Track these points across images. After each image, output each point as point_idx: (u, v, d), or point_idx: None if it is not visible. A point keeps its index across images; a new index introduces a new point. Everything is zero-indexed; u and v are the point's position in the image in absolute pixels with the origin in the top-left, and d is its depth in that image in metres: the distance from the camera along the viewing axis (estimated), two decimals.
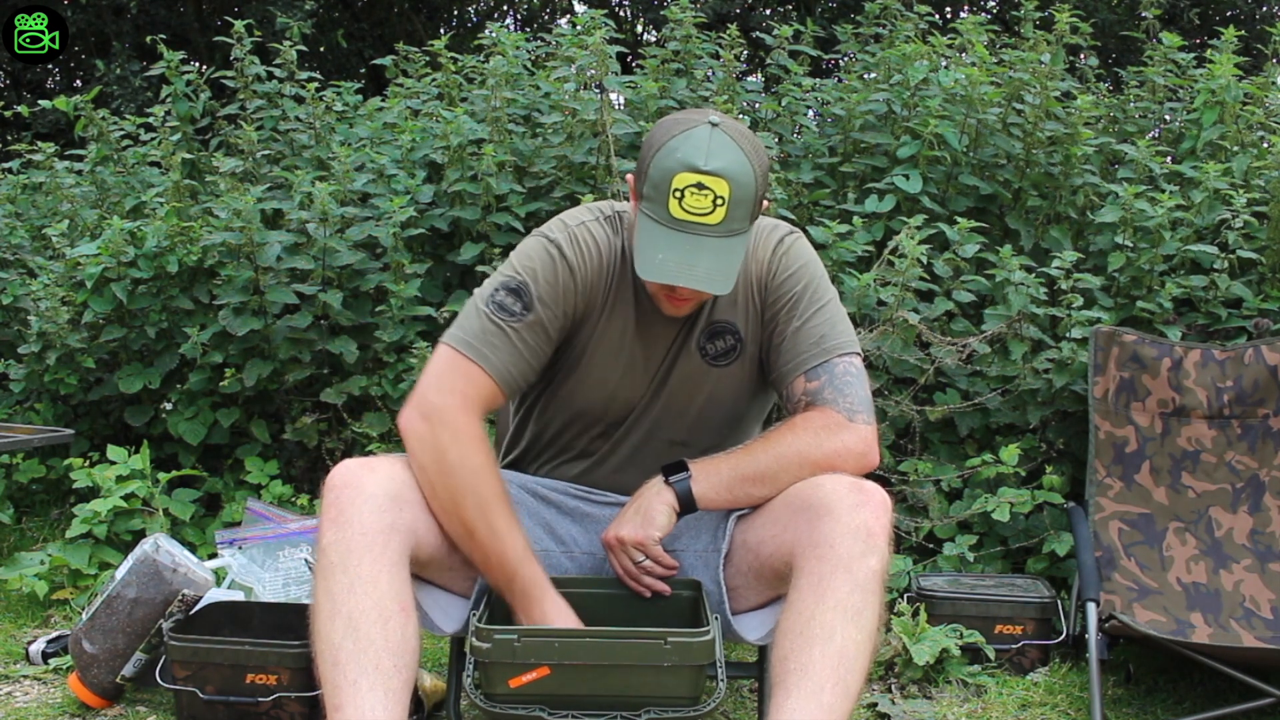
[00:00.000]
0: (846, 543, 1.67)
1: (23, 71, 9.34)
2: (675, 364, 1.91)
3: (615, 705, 1.65)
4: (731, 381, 1.93)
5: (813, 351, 1.85)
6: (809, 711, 1.59)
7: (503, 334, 1.80)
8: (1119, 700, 2.42)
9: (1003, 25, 7.55)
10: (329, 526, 1.68)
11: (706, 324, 1.90)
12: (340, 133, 3.56)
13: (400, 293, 3.02)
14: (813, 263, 1.92)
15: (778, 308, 1.89)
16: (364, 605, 1.63)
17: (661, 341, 1.90)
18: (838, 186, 3.39)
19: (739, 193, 1.71)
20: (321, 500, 1.73)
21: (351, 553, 1.66)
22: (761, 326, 1.91)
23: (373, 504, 1.69)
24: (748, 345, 1.92)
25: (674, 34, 3.71)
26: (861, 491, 1.72)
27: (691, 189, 1.70)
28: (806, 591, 1.67)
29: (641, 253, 1.73)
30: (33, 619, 2.77)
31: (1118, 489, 2.72)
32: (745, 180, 1.72)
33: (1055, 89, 3.32)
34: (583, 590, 1.85)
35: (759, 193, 1.75)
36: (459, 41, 4.87)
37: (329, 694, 1.61)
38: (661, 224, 1.71)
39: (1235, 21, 7.60)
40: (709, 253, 1.71)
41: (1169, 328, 2.97)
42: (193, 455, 3.17)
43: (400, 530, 1.70)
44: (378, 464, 1.76)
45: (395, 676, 1.61)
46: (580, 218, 1.90)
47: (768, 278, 1.89)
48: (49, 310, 3.17)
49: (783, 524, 1.76)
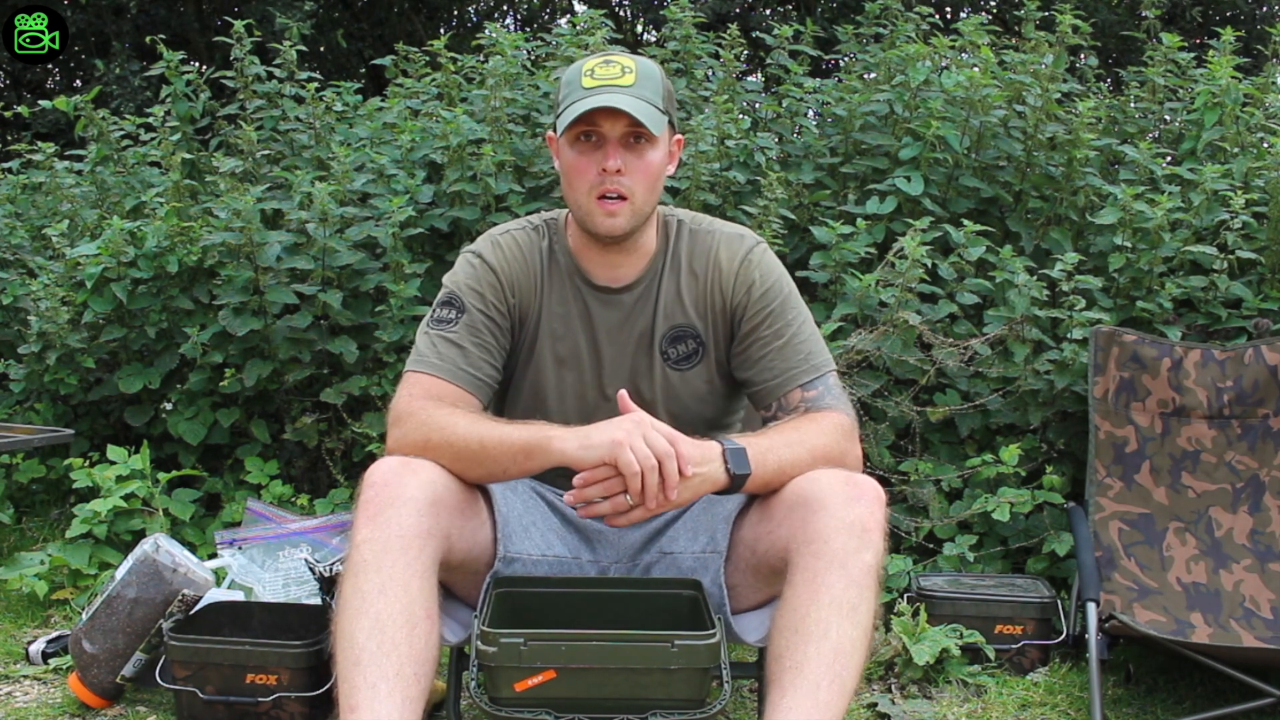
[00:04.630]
0: (840, 538, 1.67)
1: (23, 71, 9.34)
2: (639, 368, 1.94)
3: (621, 708, 1.65)
4: (697, 384, 1.95)
5: (804, 367, 1.90)
6: (805, 710, 1.59)
7: (445, 340, 1.89)
8: (1119, 700, 2.42)
9: (1003, 26, 7.56)
10: (366, 523, 1.68)
11: (669, 329, 1.94)
12: (340, 133, 3.56)
13: (400, 293, 3.03)
14: (784, 276, 1.97)
15: (755, 321, 1.92)
16: (393, 608, 1.62)
17: (621, 345, 1.94)
18: (838, 187, 3.40)
19: (644, 69, 1.84)
20: (359, 495, 1.72)
21: (387, 553, 1.65)
22: (730, 334, 1.94)
23: (412, 506, 1.69)
24: (710, 349, 1.95)
25: (674, 34, 3.71)
26: (855, 486, 1.72)
27: (598, 65, 1.84)
28: (801, 588, 1.67)
29: (563, 119, 1.83)
30: (33, 619, 2.77)
31: (1118, 489, 2.73)
32: (649, 66, 1.84)
33: (1056, 91, 3.32)
34: (582, 590, 1.85)
35: (661, 78, 1.85)
36: (459, 41, 4.87)
37: (346, 692, 1.60)
38: (578, 101, 1.82)
39: (1235, 22, 7.61)
40: (626, 96, 1.80)
41: (1169, 328, 2.97)
42: (193, 455, 3.18)
43: (435, 536, 1.70)
44: (419, 466, 1.75)
45: (415, 685, 1.61)
46: (506, 227, 2.01)
47: (734, 286, 1.93)
48: (49, 310, 3.17)
49: (778, 520, 1.76)
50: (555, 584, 1.86)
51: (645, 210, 1.88)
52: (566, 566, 1.94)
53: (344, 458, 3.17)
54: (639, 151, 1.84)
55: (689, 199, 3.13)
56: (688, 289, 1.95)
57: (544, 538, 1.93)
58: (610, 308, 1.95)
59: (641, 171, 1.85)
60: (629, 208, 1.86)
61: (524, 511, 1.93)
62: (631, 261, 1.95)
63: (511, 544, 1.88)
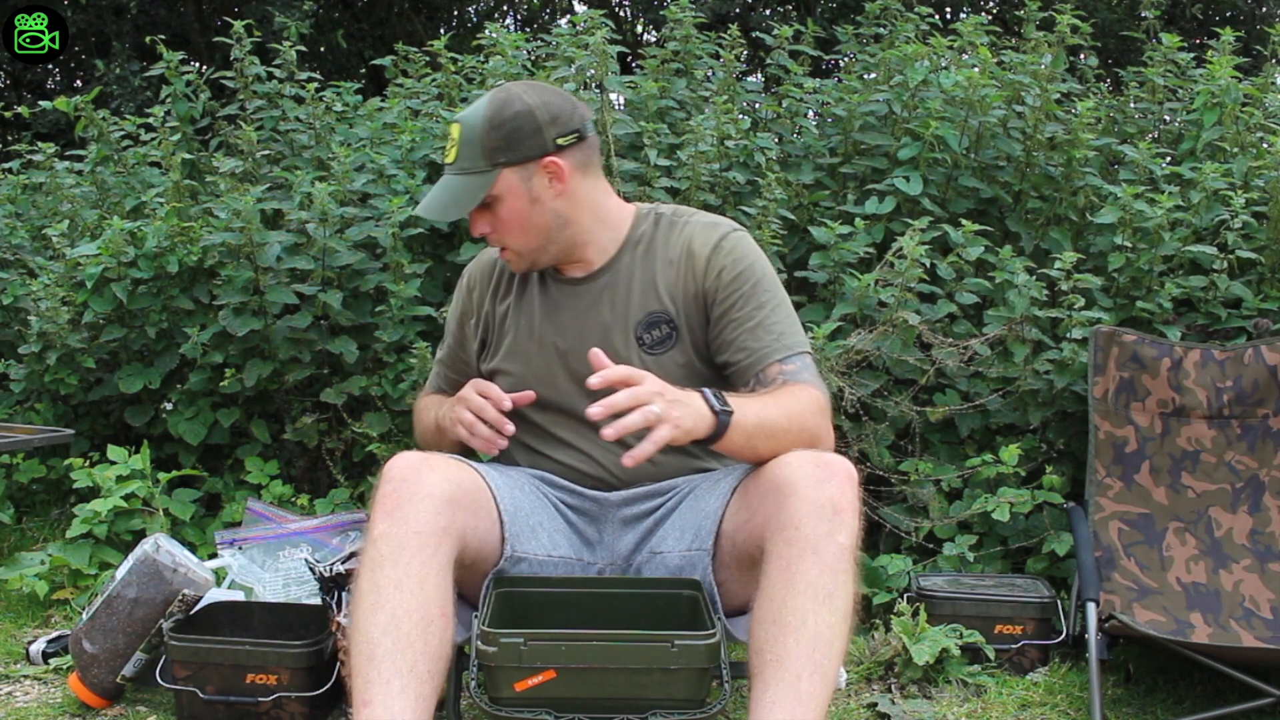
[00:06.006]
0: (812, 522, 1.66)
1: (23, 71, 9.34)
2: (615, 351, 1.96)
3: (621, 708, 1.65)
4: (672, 367, 1.98)
5: (777, 345, 1.93)
6: (788, 703, 1.59)
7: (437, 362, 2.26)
8: (1119, 700, 2.42)
9: (1003, 26, 7.56)
10: (384, 518, 1.69)
11: (644, 315, 1.98)
12: (340, 133, 3.56)
13: (400, 293, 3.03)
14: (758, 262, 1.99)
15: (727, 304, 1.95)
16: (409, 605, 1.63)
17: (588, 330, 2.00)
18: (838, 187, 3.40)
19: (466, 134, 1.92)
20: (376, 488, 1.73)
21: (405, 549, 1.66)
22: (705, 319, 1.98)
23: (430, 503, 1.70)
24: (684, 333, 1.98)
25: (674, 34, 3.71)
26: (825, 466, 1.71)
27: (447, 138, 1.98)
28: (776, 577, 1.66)
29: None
30: (33, 619, 2.77)
31: (1118, 489, 2.73)
32: (473, 123, 1.92)
33: (1056, 91, 3.32)
34: (582, 590, 1.85)
35: (483, 133, 1.90)
36: (459, 42, 4.86)
37: (360, 687, 1.60)
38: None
39: (1235, 22, 7.61)
40: (441, 188, 1.95)
41: (1169, 328, 2.98)
42: (193, 455, 3.18)
43: (452, 534, 1.71)
44: (437, 461, 1.78)
45: (428, 682, 1.61)
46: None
47: (706, 271, 1.97)
48: (49, 310, 3.17)
49: (753, 508, 1.77)
50: (555, 584, 1.86)
51: (535, 244, 1.97)
52: (571, 568, 1.94)
53: (344, 458, 3.18)
54: (493, 210, 1.94)
55: (689, 199, 3.13)
56: (663, 277, 1.99)
57: (550, 538, 1.93)
58: (575, 297, 2.02)
59: (503, 226, 1.96)
60: (514, 255, 2.00)
61: (530, 511, 1.93)
62: (590, 256, 2.02)
63: (519, 543, 1.88)
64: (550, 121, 1.92)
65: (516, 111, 1.90)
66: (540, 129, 1.91)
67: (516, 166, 1.91)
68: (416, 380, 2.98)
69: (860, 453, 2.94)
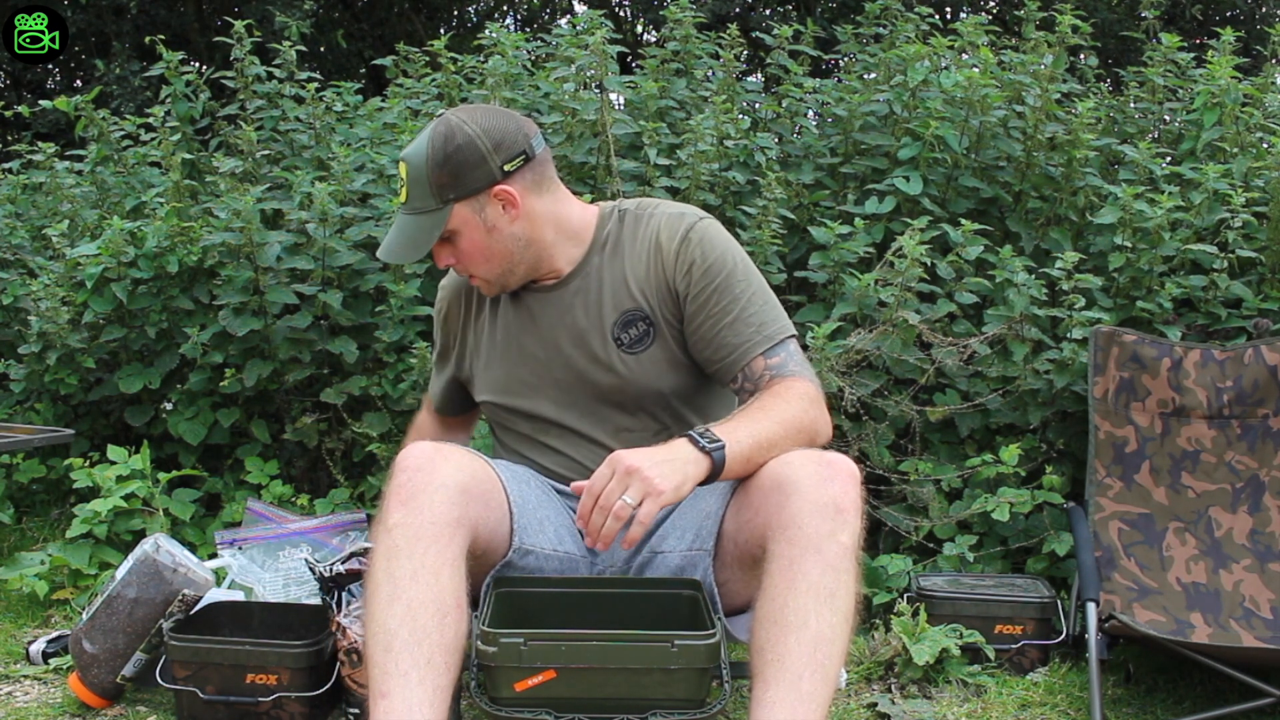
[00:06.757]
0: (814, 521, 1.66)
1: (23, 71, 9.35)
2: (592, 356, 1.97)
3: (621, 708, 1.64)
4: (652, 364, 1.98)
5: (758, 337, 1.92)
6: (789, 703, 1.59)
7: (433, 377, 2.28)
8: (1119, 700, 2.42)
9: (1003, 26, 7.56)
10: (398, 507, 1.68)
11: (618, 315, 1.98)
12: (340, 133, 3.56)
13: (400, 293, 3.03)
14: (728, 251, 1.97)
15: (701, 300, 1.94)
16: (425, 596, 1.63)
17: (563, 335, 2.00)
18: (838, 187, 3.40)
19: (413, 173, 1.92)
20: (390, 479, 1.73)
21: (420, 539, 1.66)
22: (680, 311, 1.97)
23: (445, 494, 1.69)
24: (662, 327, 1.98)
25: (674, 34, 3.71)
26: (827, 465, 1.71)
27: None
28: (778, 576, 1.66)
29: None
30: (33, 619, 2.77)
31: (1117, 489, 2.73)
32: (417, 162, 1.91)
33: (1056, 91, 3.32)
34: (582, 590, 1.85)
35: (428, 171, 1.90)
36: (459, 42, 4.87)
37: (377, 679, 1.60)
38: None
39: (1235, 22, 7.61)
40: (397, 229, 1.96)
41: (1169, 328, 2.97)
42: (193, 455, 3.18)
43: (465, 525, 1.71)
44: (450, 452, 1.77)
45: (445, 675, 1.61)
46: None
47: (675, 266, 1.96)
48: (49, 310, 3.17)
49: (755, 507, 1.76)
50: (555, 584, 1.86)
51: (501, 269, 1.99)
52: (575, 564, 1.94)
53: (344, 458, 3.18)
54: (453, 243, 1.96)
55: (689, 199, 3.13)
56: (633, 273, 1.98)
57: (556, 533, 1.93)
58: (548, 305, 2.02)
59: (466, 258, 1.97)
60: (483, 282, 2.02)
61: (538, 505, 1.94)
62: (559, 266, 2.02)
63: (527, 536, 1.88)
64: (494, 149, 1.90)
65: (459, 145, 1.89)
66: (484, 158, 1.90)
67: (467, 200, 1.91)
68: (416, 380, 2.98)
69: (860, 452, 2.94)
